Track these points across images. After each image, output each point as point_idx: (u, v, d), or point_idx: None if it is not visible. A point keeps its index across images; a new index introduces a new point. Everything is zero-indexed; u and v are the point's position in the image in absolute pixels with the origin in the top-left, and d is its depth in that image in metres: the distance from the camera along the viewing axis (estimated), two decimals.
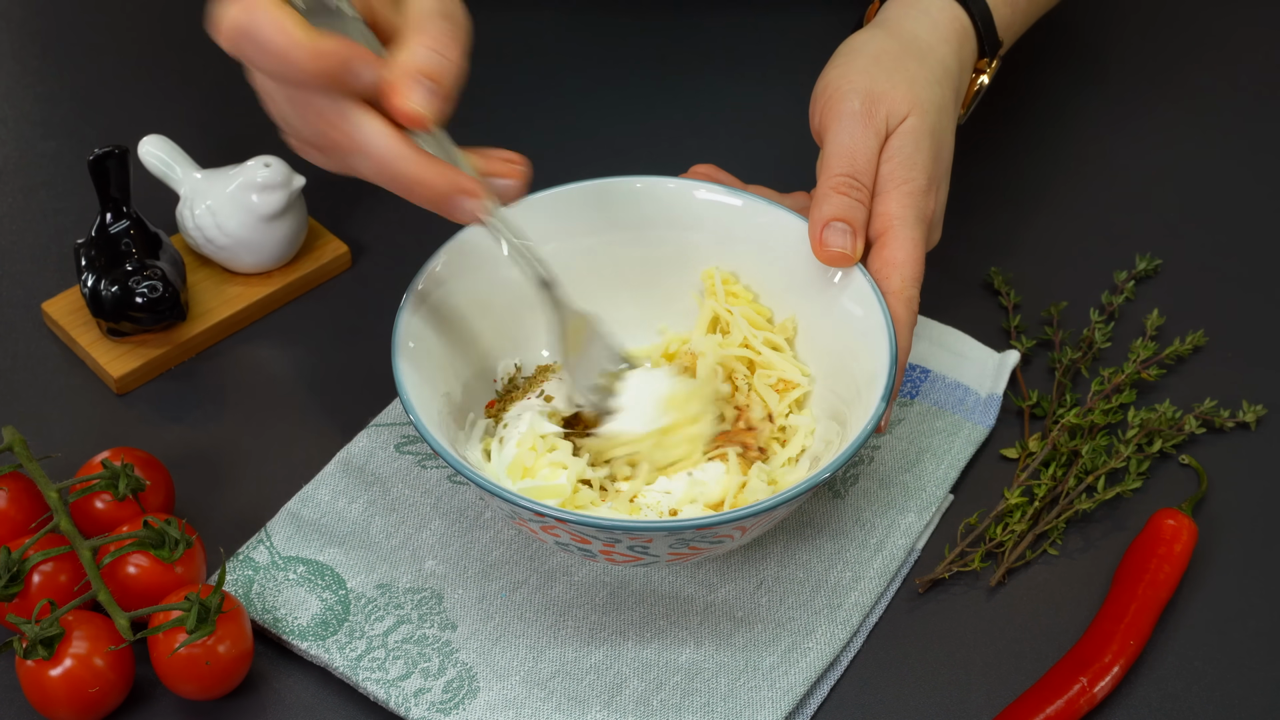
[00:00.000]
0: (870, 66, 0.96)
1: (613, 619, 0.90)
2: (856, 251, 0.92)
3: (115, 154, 1.02)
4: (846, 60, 0.97)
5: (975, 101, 1.04)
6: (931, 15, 1.00)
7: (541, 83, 1.22)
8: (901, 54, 0.97)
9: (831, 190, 0.92)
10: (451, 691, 0.87)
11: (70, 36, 1.26)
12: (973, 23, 1.01)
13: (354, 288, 1.08)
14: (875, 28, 1.00)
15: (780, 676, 0.88)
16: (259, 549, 0.93)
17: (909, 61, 0.96)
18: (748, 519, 0.83)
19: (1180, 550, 0.92)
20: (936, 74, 0.97)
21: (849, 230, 0.91)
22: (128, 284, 0.99)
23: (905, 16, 1.00)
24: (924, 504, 0.95)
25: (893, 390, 0.88)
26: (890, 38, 0.98)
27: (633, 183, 0.97)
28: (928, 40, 0.99)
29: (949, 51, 0.99)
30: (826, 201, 0.92)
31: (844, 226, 0.91)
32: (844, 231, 0.91)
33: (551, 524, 0.83)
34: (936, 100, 0.96)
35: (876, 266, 0.91)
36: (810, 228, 0.92)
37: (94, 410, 1.01)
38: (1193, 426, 0.99)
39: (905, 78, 0.95)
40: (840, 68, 0.97)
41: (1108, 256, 1.10)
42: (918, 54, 0.97)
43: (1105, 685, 0.87)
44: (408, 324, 0.89)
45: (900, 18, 1.00)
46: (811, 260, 0.93)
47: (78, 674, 0.84)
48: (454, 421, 0.91)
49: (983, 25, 1.01)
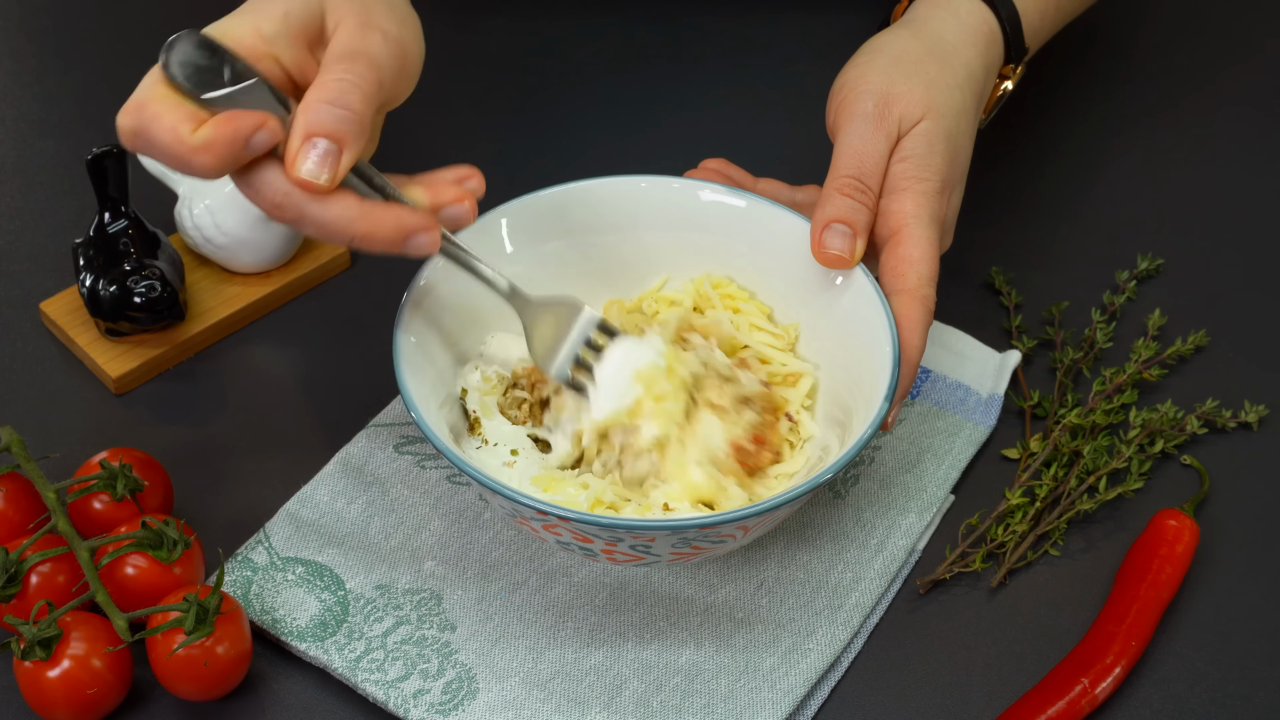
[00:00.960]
0: (889, 68, 0.95)
1: (613, 620, 0.90)
2: (855, 255, 0.91)
3: (113, 153, 1.01)
4: (867, 60, 0.96)
5: (998, 107, 1.04)
6: (959, 17, 0.99)
7: (546, 82, 1.22)
8: (924, 56, 0.96)
9: (836, 191, 0.92)
10: (451, 693, 0.87)
11: (68, 35, 1.26)
12: (1000, 27, 1.00)
13: (353, 287, 1.08)
14: (901, 27, 0.99)
15: (781, 678, 0.88)
16: (257, 550, 0.92)
17: (930, 64, 0.96)
18: (749, 519, 0.82)
19: (1182, 551, 0.92)
20: (959, 78, 0.97)
21: (849, 233, 0.91)
22: (126, 284, 0.99)
23: (932, 16, 0.99)
24: (925, 504, 0.95)
25: (901, 390, 0.88)
26: (914, 38, 0.97)
27: (637, 182, 0.97)
28: (953, 42, 0.98)
29: (974, 55, 0.98)
30: (830, 202, 0.92)
31: (844, 229, 0.91)
32: (844, 234, 0.91)
33: (554, 522, 0.83)
34: (955, 104, 0.95)
35: (891, 264, 0.91)
36: (812, 228, 0.92)
37: (92, 410, 1.01)
38: (1194, 427, 0.99)
39: (923, 80, 0.95)
40: (859, 67, 0.96)
41: (1109, 256, 1.10)
42: (941, 56, 0.97)
43: (1107, 686, 0.87)
44: (409, 323, 0.89)
45: (927, 17, 0.99)
46: (814, 261, 0.92)
47: (76, 675, 0.84)
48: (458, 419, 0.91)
49: (1010, 30, 1.01)
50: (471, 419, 0.92)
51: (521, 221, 0.95)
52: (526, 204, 0.95)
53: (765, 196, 0.97)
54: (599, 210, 0.96)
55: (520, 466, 0.90)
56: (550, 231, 0.96)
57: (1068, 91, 1.22)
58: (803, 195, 0.99)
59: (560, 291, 0.93)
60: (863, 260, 0.92)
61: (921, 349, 0.90)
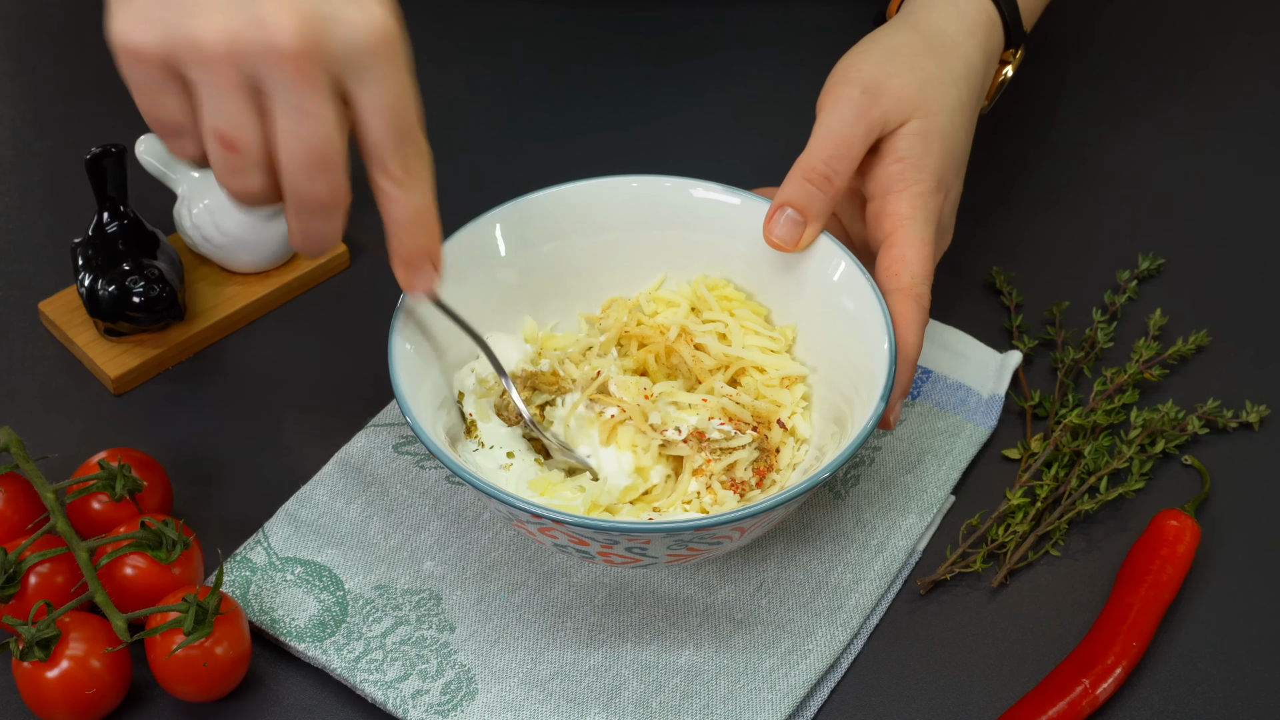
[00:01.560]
0: (882, 59, 0.95)
1: (612, 620, 0.90)
2: (802, 242, 0.92)
3: (112, 153, 1.01)
4: (862, 50, 0.96)
5: (999, 93, 1.04)
6: (959, 6, 0.99)
7: (537, 81, 1.21)
8: (921, 50, 0.96)
9: (800, 176, 0.92)
10: (450, 693, 0.87)
11: (67, 35, 1.26)
12: (1000, 14, 1.00)
13: (352, 287, 1.08)
14: (899, 22, 0.99)
15: (780, 679, 0.87)
16: (256, 550, 0.92)
17: (926, 59, 0.95)
18: (746, 520, 0.82)
19: (1183, 551, 0.91)
20: (956, 72, 0.96)
21: (799, 221, 0.91)
22: (125, 283, 0.99)
23: (931, 8, 0.98)
24: (925, 505, 0.95)
25: (900, 388, 0.88)
26: (913, 32, 0.97)
27: (629, 182, 0.96)
28: (953, 34, 0.97)
29: (974, 46, 0.98)
30: (789, 185, 0.92)
31: (794, 215, 0.91)
32: (794, 222, 0.91)
33: (549, 525, 0.83)
34: (950, 101, 0.95)
35: (886, 264, 0.91)
36: (769, 208, 0.92)
37: (91, 411, 1.01)
38: (1196, 427, 0.98)
39: (916, 76, 0.94)
40: (853, 56, 0.96)
41: (1110, 255, 1.09)
42: (939, 50, 0.96)
43: (1108, 687, 0.87)
44: (403, 327, 0.89)
45: (925, 9, 0.99)
46: (810, 258, 0.92)
47: (74, 676, 0.83)
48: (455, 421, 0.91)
49: (1009, 15, 1.00)
50: (468, 422, 0.92)
51: (514, 224, 0.95)
52: (519, 206, 0.95)
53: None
54: (592, 211, 0.96)
55: (517, 469, 0.89)
56: (544, 234, 0.95)
57: (1069, 90, 1.21)
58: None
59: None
60: (860, 261, 0.92)
61: (918, 346, 0.89)
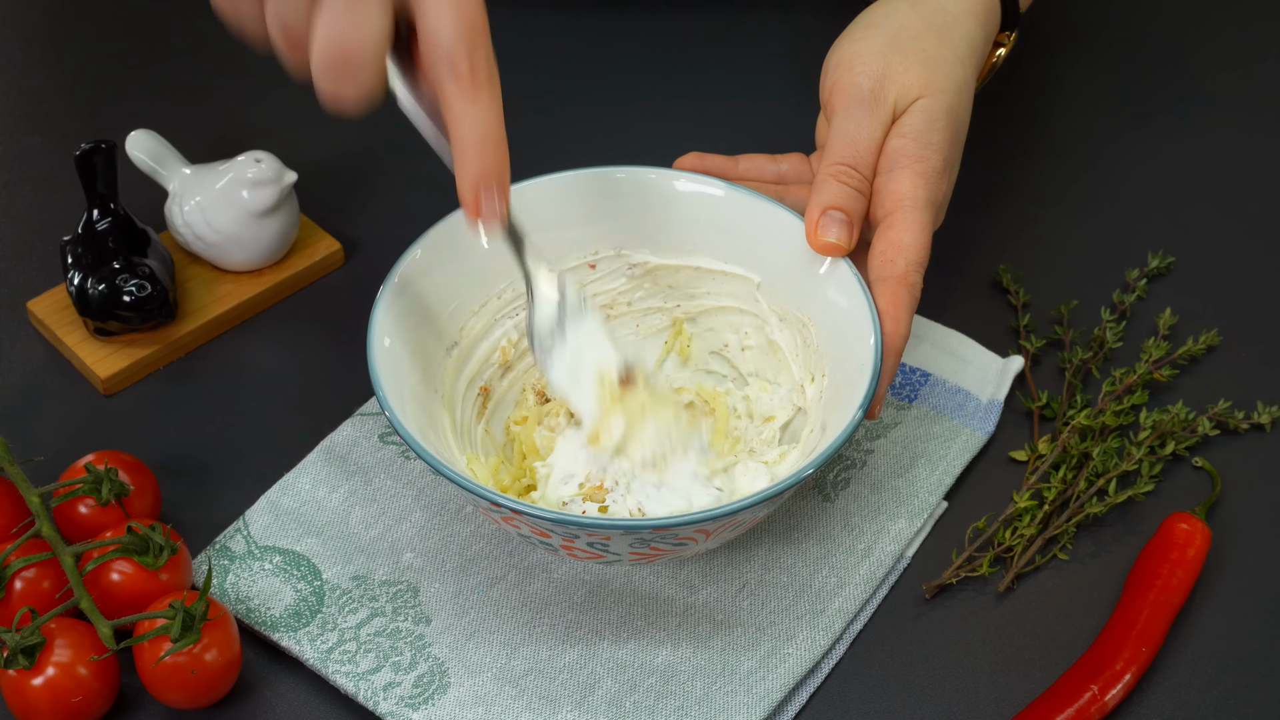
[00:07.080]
0: (886, 46, 0.94)
1: (590, 618, 0.90)
2: (850, 243, 0.91)
3: (102, 149, 1.01)
4: (864, 35, 0.96)
5: (991, 74, 1.03)
6: None
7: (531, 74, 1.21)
8: (922, 31, 0.95)
9: (831, 178, 0.91)
10: (421, 686, 0.86)
11: (56, 30, 1.26)
12: None
13: (347, 285, 1.07)
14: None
15: (758, 681, 0.87)
16: (236, 538, 0.92)
17: (928, 39, 0.95)
18: (709, 522, 0.81)
19: (1193, 555, 0.91)
20: (959, 51, 0.96)
21: (846, 220, 0.90)
22: (115, 282, 0.99)
23: None
24: (915, 510, 0.94)
25: (884, 377, 0.86)
26: (912, 10, 0.97)
27: (614, 173, 0.96)
28: (953, 12, 0.97)
29: (974, 25, 0.98)
30: (826, 188, 0.91)
31: (841, 216, 0.90)
32: (841, 222, 0.90)
33: (509, 515, 0.82)
34: (955, 80, 0.95)
35: (881, 248, 0.90)
36: (808, 212, 0.91)
37: (80, 412, 1.00)
38: (1206, 428, 0.98)
39: (921, 58, 0.94)
40: (856, 43, 0.95)
41: (1119, 254, 1.09)
42: (940, 29, 0.96)
43: (1117, 693, 0.86)
44: (382, 320, 0.88)
45: None
46: (796, 249, 0.92)
47: (60, 683, 0.83)
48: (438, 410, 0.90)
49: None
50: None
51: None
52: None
53: (748, 172, 0.97)
54: (576, 202, 0.96)
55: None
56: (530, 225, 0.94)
57: (1077, 86, 1.21)
58: (787, 165, 0.99)
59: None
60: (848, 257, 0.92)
61: (905, 336, 0.89)
